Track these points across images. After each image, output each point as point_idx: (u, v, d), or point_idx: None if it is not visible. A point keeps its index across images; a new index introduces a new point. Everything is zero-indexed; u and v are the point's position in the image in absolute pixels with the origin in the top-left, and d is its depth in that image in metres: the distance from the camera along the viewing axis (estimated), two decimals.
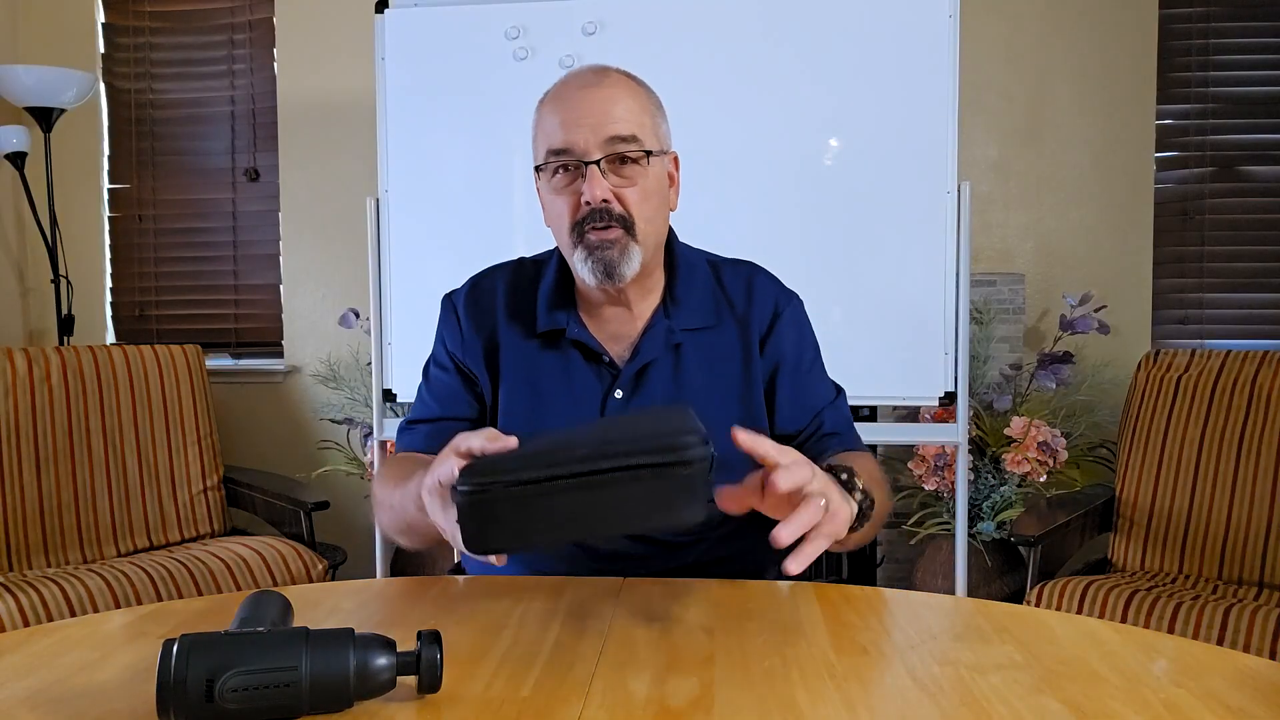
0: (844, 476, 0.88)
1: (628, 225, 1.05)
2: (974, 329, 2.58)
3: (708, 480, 0.73)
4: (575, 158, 1.04)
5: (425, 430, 1.15)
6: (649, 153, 1.06)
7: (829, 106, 2.16)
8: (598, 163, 1.03)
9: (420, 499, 0.85)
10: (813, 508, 0.77)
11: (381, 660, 0.66)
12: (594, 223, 1.04)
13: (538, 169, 1.09)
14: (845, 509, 0.84)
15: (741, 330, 1.14)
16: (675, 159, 1.15)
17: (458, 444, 0.79)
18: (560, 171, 1.06)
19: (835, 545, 0.96)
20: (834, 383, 1.20)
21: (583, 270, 1.05)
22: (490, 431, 0.81)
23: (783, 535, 0.75)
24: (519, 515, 0.71)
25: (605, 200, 1.03)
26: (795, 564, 0.76)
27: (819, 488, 0.80)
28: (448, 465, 0.78)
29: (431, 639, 0.68)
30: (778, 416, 1.14)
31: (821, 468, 0.85)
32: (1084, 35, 2.81)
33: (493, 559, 0.78)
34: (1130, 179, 2.83)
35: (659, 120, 1.10)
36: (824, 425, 1.13)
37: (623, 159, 1.04)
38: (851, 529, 0.87)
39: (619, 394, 1.11)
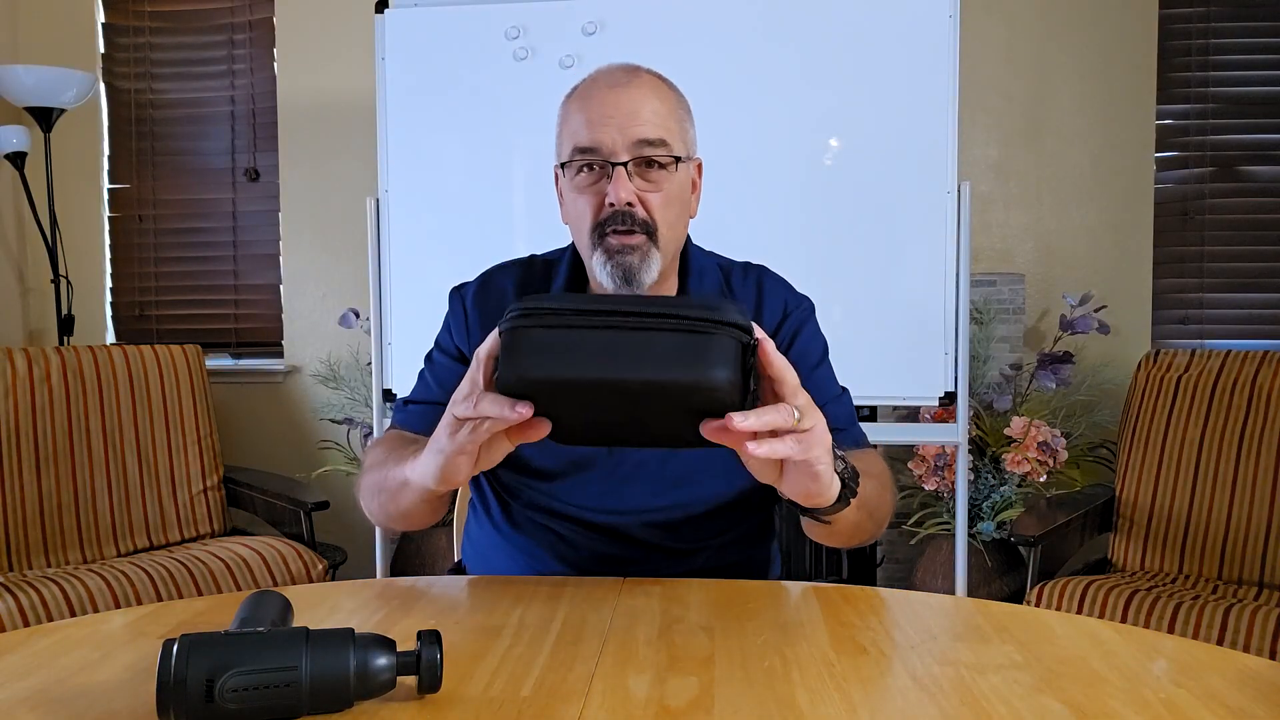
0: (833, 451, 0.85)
1: (650, 231, 1.03)
2: (974, 329, 2.58)
3: (745, 364, 0.73)
4: (602, 157, 1.02)
5: (421, 410, 1.14)
6: (677, 159, 1.04)
7: (829, 106, 2.16)
8: (625, 164, 1.01)
9: (415, 464, 0.87)
10: (782, 410, 0.74)
11: (381, 660, 0.66)
12: (616, 225, 1.02)
13: (561, 166, 1.07)
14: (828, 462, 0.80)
15: None
16: (699, 165, 1.13)
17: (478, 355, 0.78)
18: (585, 170, 1.04)
19: (819, 531, 0.94)
20: (840, 385, 1.19)
21: (601, 274, 1.04)
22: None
23: (746, 423, 0.72)
24: (555, 344, 0.73)
25: (629, 203, 1.01)
26: (757, 445, 0.73)
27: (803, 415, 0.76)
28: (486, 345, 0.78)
29: (431, 639, 0.68)
30: None
31: None
32: (1084, 35, 2.81)
33: (520, 409, 0.75)
34: (1130, 179, 2.83)
35: (687, 125, 1.09)
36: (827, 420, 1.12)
37: (650, 162, 1.03)
38: (838, 504, 0.85)
39: None
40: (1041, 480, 2.44)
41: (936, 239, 2.13)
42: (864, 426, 1.20)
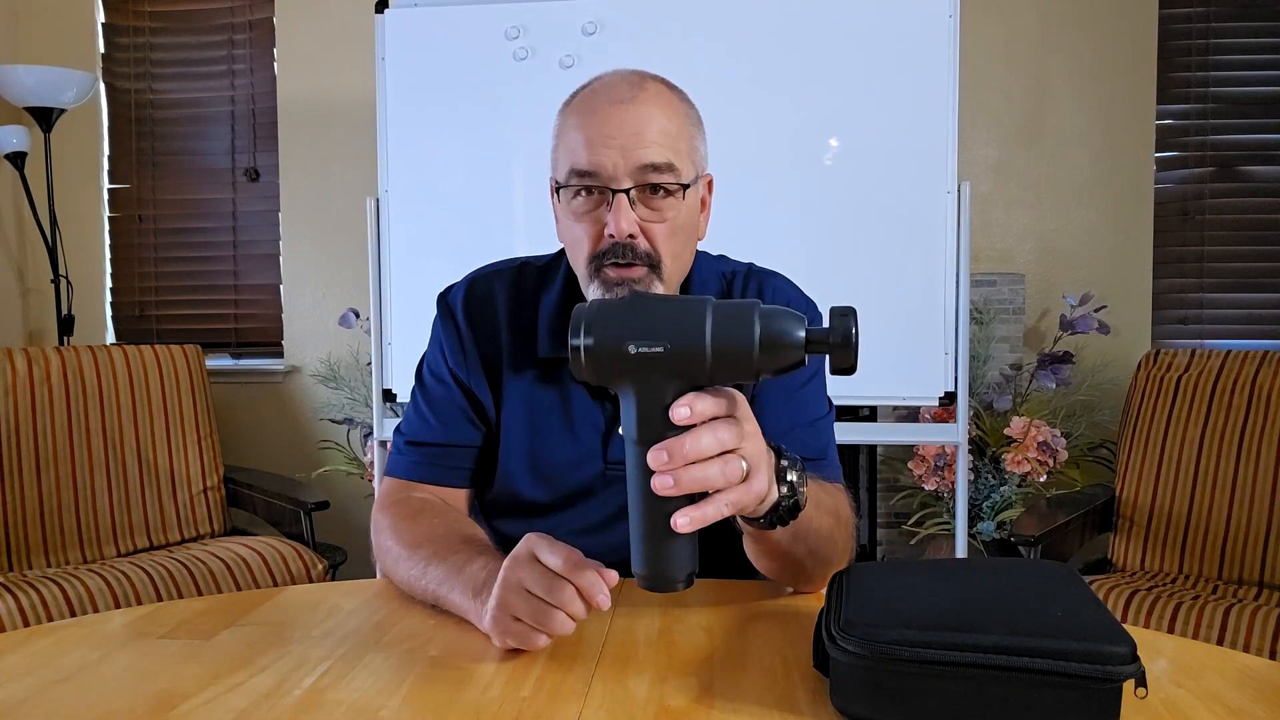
0: (783, 462, 0.77)
1: (653, 263, 0.93)
2: (974, 329, 2.58)
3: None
4: (602, 183, 0.92)
5: (427, 454, 1.05)
6: (685, 185, 0.94)
7: (829, 106, 2.16)
8: (627, 192, 0.91)
9: (467, 599, 0.83)
10: (732, 465, 0.68)
11: (794, 332, 0.64)
12: (615, 258, 0.92)
13: (557, 188, 0.97)
14: (763, 487, 0.71)
15: None
16: (710, 182, 1.03)
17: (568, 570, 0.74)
18: (583, 194, 0.94)
19: (756, 542, 0.87)
20: (828, 399, 1.09)
21: None
22: (570, 557, 0.75)
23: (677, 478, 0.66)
24: (898, 687, 0.64)
25: (631, 235, 0.92)
26: (685, 519, 0.66)
27: (750, 452, 0.69)
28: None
29: (844, 312, 0.65)
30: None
31: (771, 447, 0.77)
32: (1084, 35, 2.81)
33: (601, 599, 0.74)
34: (1130, 179, 2.83)
35: (698, 141, 0.98)
36: (795, 446, 1.04)
37: (655, 188, 0.93)
38: (762, 522, 0.78)
39: (622, 432, 1.04)
40: (1041, 480, 2.44)
41: (936, 239, 2.13)
42: (864, 426, 1.18)
